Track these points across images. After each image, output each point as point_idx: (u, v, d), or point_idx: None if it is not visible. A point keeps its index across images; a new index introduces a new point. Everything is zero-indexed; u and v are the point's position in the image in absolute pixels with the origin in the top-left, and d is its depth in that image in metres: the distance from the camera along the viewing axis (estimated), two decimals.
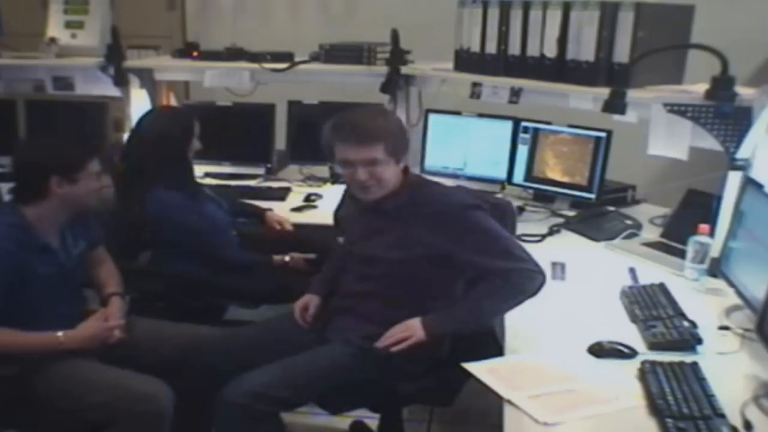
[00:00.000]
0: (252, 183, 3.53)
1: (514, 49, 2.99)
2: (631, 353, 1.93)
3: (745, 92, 2.50)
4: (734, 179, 2.42)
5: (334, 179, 3.58)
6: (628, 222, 2.94)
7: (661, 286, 2.29)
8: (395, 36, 3.33)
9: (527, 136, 3.28)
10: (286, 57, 3.47)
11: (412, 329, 2.14)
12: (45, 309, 2.20)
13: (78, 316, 2.27)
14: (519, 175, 3.32)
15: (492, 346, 2.11)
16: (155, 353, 2.33)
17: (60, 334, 2.15)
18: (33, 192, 2.19)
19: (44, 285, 2.19)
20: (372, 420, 2.64)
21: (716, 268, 2.37)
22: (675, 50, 2.80)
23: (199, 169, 3.02)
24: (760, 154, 2.35)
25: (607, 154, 3.07)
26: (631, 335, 2.03)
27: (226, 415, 2.12)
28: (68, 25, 3.58)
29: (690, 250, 2.42)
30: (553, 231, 2.91)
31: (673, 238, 2.74)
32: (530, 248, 2.23)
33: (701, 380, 1.74)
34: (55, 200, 2.18)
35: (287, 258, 2.84)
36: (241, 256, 2.90)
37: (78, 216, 2.30)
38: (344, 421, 2.77)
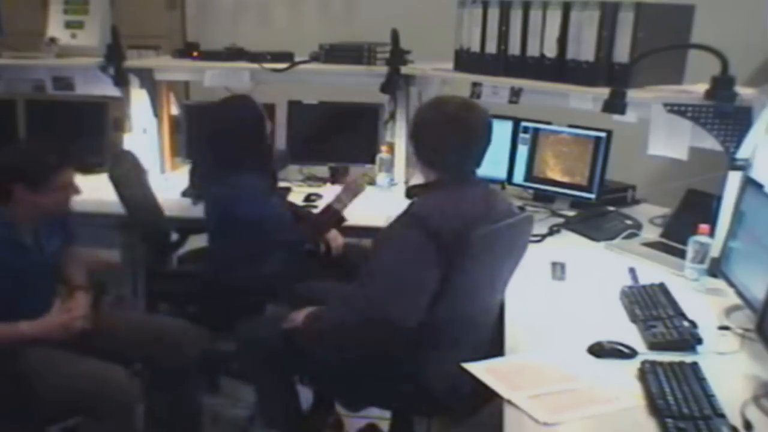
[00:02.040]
0: None
1: (514, 49, 2.99)
2: (631, 353, 1.93)
3: (745, 92, 2.49)
4: (734, 179, 2.42)
5: (334, 179, 3.58)
6: (628, 222, 2.94)
7: (661, 286, 2.29)
8: (395, 36, 3.32)
9: (527, 136, 3.28)
10: (286, 57, 3.47)
11: (298, 315, 2.19)
12: (20, 302, 2.24)
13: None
14: (519, 175, 3.32)
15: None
16: (135, 347, 2.39)
17: (22, 324, 2.18)
18: (1, 194, 2.23)
19: (15, 279, 2.23)
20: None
21: (716, 268, 2.37)
22: (675, 50, 2.80)
23: None
24: (760, 154, 2.35)
25: (607, 154, 3.08)
26: (631, 335, 2.03)
27: None
28: (68, 25, 3.58)
29: (690, 250, 2.42)
30: (553, 231, 2.91)
31: (673, 238, 2.74)
32: (530, 248, 2.23)
33: (701, 380, 1.74)
34: (19, 205, 2.22)
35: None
36: (295, 234, 2.87)
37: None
38: (348, 421, 2.77)
